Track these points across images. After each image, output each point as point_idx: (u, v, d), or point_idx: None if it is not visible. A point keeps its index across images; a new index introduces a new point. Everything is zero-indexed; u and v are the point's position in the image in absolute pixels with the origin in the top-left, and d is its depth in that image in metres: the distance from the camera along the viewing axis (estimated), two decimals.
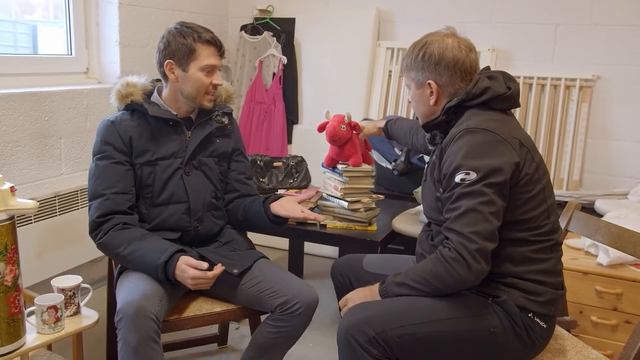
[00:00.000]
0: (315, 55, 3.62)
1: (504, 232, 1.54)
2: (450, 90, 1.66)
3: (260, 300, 1.85)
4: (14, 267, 1.50)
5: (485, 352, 1.57)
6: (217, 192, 2.02)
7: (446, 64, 1.63)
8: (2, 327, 1.50)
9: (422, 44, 1.68)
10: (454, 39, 1.66)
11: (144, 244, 1.78)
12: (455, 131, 1.59)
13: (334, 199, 2.44)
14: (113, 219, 1.81)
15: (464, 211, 1.49)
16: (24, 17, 2.73)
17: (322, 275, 3.33)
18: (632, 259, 2.23)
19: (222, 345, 2.55)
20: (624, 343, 1.52)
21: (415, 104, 1.76)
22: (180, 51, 1.84)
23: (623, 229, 1.72)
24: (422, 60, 1.66)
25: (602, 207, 2.68)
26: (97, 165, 1.86)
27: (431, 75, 1.66)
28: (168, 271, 1.73)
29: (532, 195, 1.56)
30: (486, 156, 1.51)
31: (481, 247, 1.46)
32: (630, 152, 3.07)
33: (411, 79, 1.72)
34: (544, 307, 1.58)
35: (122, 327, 1.61)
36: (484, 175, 1.49)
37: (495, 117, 1.60)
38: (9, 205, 1.47)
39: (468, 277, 1.48)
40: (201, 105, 1.93)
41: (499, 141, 1.53)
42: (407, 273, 1.60)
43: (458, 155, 1.53)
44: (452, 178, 1.53)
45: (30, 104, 2.41)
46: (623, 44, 3.01)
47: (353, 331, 1.51)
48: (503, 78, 1.68)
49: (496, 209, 1.49)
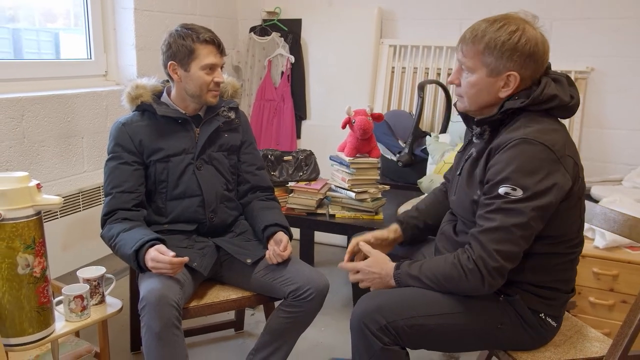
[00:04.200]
0: (321, 54, 3.61)
1: (536, 246, 1.43)
2: (523, 86, 1.44)
3: (273, 287, 1.86)
4: (42, 260, 1.51)
5: (492, 343, 1.55)
6: (228, 185, 2.02)
7: (536, 59, 1.41)
8: (33, 315, 1.51)
9: (512, 28, 1.40)
10: (534, 29, 1.43)
11: (126, 234, 1.76)
12: (509, 137, 1.39)
13: (342, 189, 2.44)
14: (115, 215, 1.83)
15: (497, 227, 1.37)
16: (46, 26, 2.74)
17: (332, 262, 3.33)
18: (627, 241, 2.22)
19: (239, 330, 2.56)
20: (620, 322, 1.51)
21: (476, 91, 1.47)
22: (181, 52, 1.84)
23: (618, 213, 1.71)
24: (513, 48, 1.39)
25: (598, 193, 2.66)
26: (107, 166, 1.89)
27: (516, 66, 1.41)
28: (140, 260, 1.71)
29: (574, 210, 1.45)
30: (537, 175, 1.34)
31: (500, 266, 1.37)
32: (623, 140, 3.05)
33: (483, 63, 1.43)
34: (555, 310, 1.53)
35: (146, 314, 1.61)
36: (529, 196, 1.34)
37: (554, 126, 1.43)
38: (36, 202, 1.48)
39: (481, 288, 1.41)
40: (206, 102, 1.92)
41: (554, 160, 1.36)
42: (421, 267, 1.51)
43: (509, 166, 1.36)
44: (496, 187, 1.38)
45: (54, 106, 2.42)
46: (615, 36, 2.99)
47: (366, 319, 1.47)
48: (567, 82, 1.48)
49: (530, 234, 1.38)
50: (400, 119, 3.15)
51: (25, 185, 1.47)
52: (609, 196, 2.48)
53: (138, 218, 1.86)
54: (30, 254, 1.48)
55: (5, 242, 1.44)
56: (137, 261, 1.71)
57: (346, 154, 2.40)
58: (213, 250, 1.93)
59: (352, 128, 2.37)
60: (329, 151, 2.62)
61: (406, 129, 3.02)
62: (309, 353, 2.36)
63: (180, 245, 1.89)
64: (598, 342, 1.61)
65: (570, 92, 1.46)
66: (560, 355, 1.53)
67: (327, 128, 3.56)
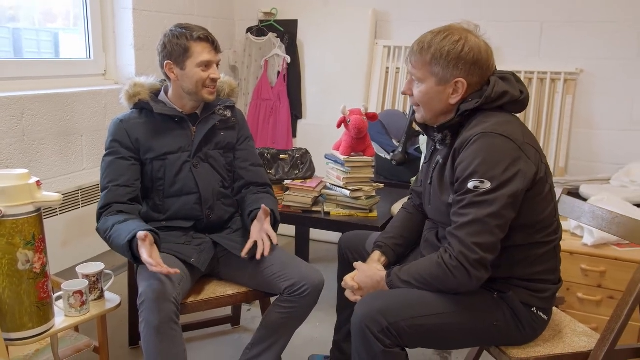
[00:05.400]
0: (316, 54, 3.61)
1: (520, 238, 1.47)
2: (472, 90, 1.49)
3: (269, 283, 1.85)
4: (42, 256, 1.51)
5: (487, 340, 1.56)
6: (225, 182, 2.02)
7: (481, 65, 1.46)
8: (33, 310, 1.51)
9: (455, 38, 1.45)
10: (477, 37, 1.48)
11: (120, 226, 1.74)
12: (469, 134, 1.44)
13: (337, 187, 2.44)
14: (111, 208, 1.81)
15: (471, 220, 1.39)
16: (46, 26, 2.73)
17: (328, 259, 3.34)
18: (614, 239, 2.24)
19: (236, 325, 2.56)
20: (608, 317, 1.53)
21: (429, 100, 1.52)
22: (177, 51, 1.84)
23: (606, 211, 1.72)
24: (457, 57, 1.44)
25: (587, 191, 2.67)
26: (104, 161, 1.88)
27: (462, 73, 1.46)
28: (134, 250, 1.67)
29: (544, 196, 1.47)
30: (502, 165, 1.38)
31: (481, 257, 1.39)
32: (611, 140, 3.07)
33: (431, 73, 1.48)
34: (546, 302, 1.55)
35: (145, 309, 1.61)
36: (497, 186, 1.37)
37: (508, 119, 1.47)
38: (36, 198, 1.48)
39: (469, 283, 1.42)
40: (203, 99, 1.91)
41: (515, 149, 1.40)
42: (410, 270, 1.53)
43: (474, 161, 1.40)
44: (465, 183, 1.41)
45: (54, 104, 2.41)
46: (604, 39, 3.00)
47: (367, 321, 1.45)
48: (515, 79, 1.53)
49: (503, 222, 1.40)
50: (394, 119, 3.15)
51: (25, 183, 1.46)
52: (597, 195, 2.49)
53: (133, 212, 1.84)
54: (30, 250, 1.47)
55: (5, 239, 1.43)
56: (132, 251, 1.68)
57: (341, 152, 2.40)
58: (210, 246, 1.93)
59: (347, 127, 2.37)
60: (324, 150, 2.62)
61: (400, 129, 3.02)
62: (304, 348, 2.36)
63: (178, 242, 1.89)
64: (586, 337, 1.62)
65: (520, 88, 1.52)
66: (550, 350, 1.54)
67: (323, 127, 3.56)
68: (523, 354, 1.52)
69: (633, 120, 3.01)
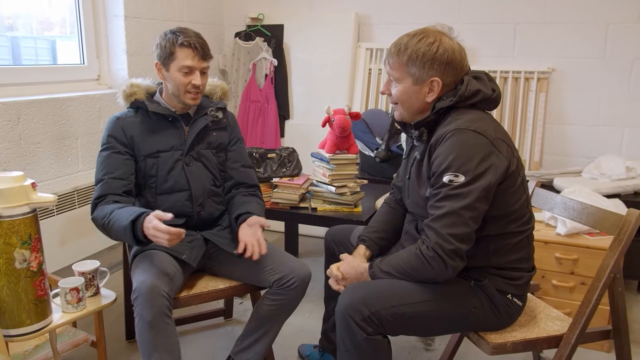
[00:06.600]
0: (302, 57, 3.60)
1: (494, 228, 1.49)
2: (447, 89, 1.51)
3: (259, 277, 1.86)
4: (38, 254, 1.50)
5: (465, 326, 1.57)
6: (216, 181, 2.01)
7: (455, 65, 1.48)
8: (31, 307, 1.50)
9: (430, 40, 1.47)
10: (450, 39, 1.51)
11: (121, 210, 1.72)
12: (444, 130, 1.46)
13: (322, 184, 2.45)
14: (106, 199, 1.80)
15: (446, 212, 1.41)
16: (43, 34, 2.71)
17: (316, 253, 3.34)
18: (586, 228, 2.26)
19: (228, 318, 2.56)
20: (580, 302, 1.55)
21: (406, 99, 1.54)
22: (164, 54, 1.84)
23: (578, 202, 1.73)
24: (432, 58, 1.46)
25: (560, 184, 2.70)
26: (100, 155, 1.87)
27: (438, 73, 1.48)
28: (136, 229, 1.64)
29: (516, 188, 1.49)
30: (475, 160, 1.40)
31: (456, 248, 1.41)
32: (583, 135, 3.10)
33: (408, 73, 1.51)
34: (521, 289, 1.57)
35: (138, 304, 1.61)
36: (471, 179, 1.39)
37: (480, 115, 1.49)
38: (31, 200, 1.47)
39: (445, 272, 1.44)
40: (184, 103, 1.90)
41: (487, 144, 1.42)
42: (390, 262, 1.54)
43: (449, 156, 1.41)
44: (440, 177, 1.43)
45: (49, 109, 2.39)
46: (574, 39, 3.03)
47: (350, 310, 1.46)
48: (487, 78, 1.55)
49: (477, 214, 1.41)
50: (377, 118, 3.16)
51: (21, 184, 1.45)
52: (570, 187, 2.52)
53: (128, 203, 1.83)
54: (26, 250, 1.46)
55: (2, 239, 1.42)
56: (134, 232, 1.65)
57: (326, 150, 2.41)
58: (201, 242, 1.92)
59: (332, 126, 2.37)
60: (311, 148, 2.63)
61: (383, 127, 3.03)
62: (293, 338, 2.36)
63: None
64: (560, 321, 1.64)
65: (492, 86, 1.53)
66: (526, 334, 1.56)
67: (309, 127, 3.56)
68: (500, 339, 1.53)
69: (602, 115, 3.05)
